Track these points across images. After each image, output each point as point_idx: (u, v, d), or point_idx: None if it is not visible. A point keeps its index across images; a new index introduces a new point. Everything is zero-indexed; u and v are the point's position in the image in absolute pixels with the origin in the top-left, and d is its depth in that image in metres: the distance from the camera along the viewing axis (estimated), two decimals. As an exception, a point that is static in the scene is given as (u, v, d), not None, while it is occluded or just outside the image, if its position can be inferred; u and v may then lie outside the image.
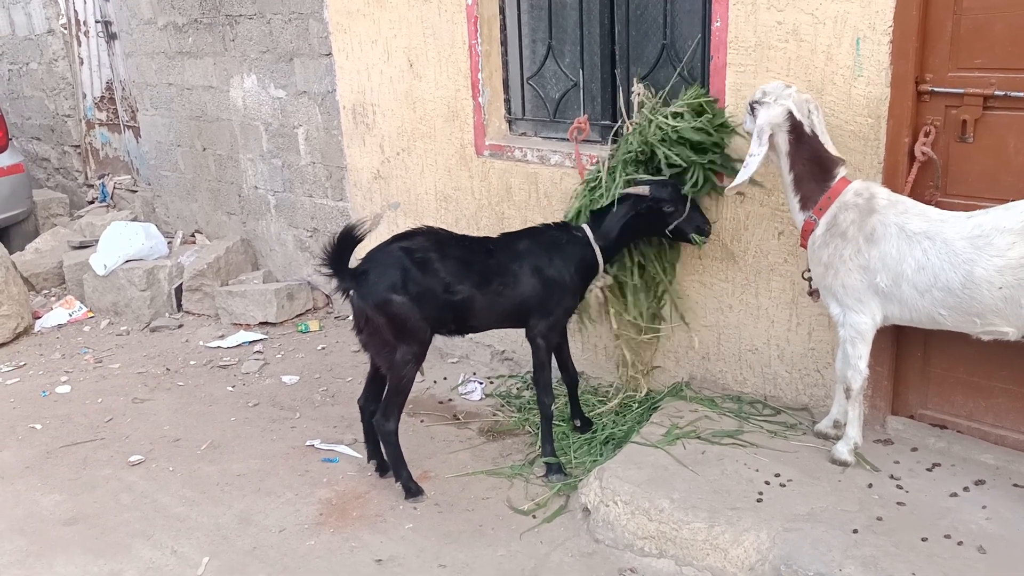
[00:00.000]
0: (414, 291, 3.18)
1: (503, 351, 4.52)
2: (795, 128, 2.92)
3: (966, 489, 2.91)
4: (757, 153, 2.93)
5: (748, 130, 3.06)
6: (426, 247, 3.24)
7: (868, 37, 2.99)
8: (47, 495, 3.65)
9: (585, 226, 3.43)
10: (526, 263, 3.32)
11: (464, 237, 3.44)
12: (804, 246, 3.08)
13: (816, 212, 2.96)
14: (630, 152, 3.49)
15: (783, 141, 2.95)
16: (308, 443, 3.93)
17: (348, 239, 3.16)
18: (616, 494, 3.04)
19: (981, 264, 2.65)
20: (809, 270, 3.14)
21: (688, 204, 3.34)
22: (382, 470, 3.57)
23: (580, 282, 3.44)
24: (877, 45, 2.98)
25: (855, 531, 2.71)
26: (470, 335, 3.75)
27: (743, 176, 2.98)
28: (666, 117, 3.36)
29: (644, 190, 3.33)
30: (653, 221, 3.37)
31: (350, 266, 3.22)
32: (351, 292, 3.23)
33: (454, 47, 4.21)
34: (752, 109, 3.01)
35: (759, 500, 2.92)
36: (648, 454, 3.23)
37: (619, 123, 3.71)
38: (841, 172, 2.97)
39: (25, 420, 4.35)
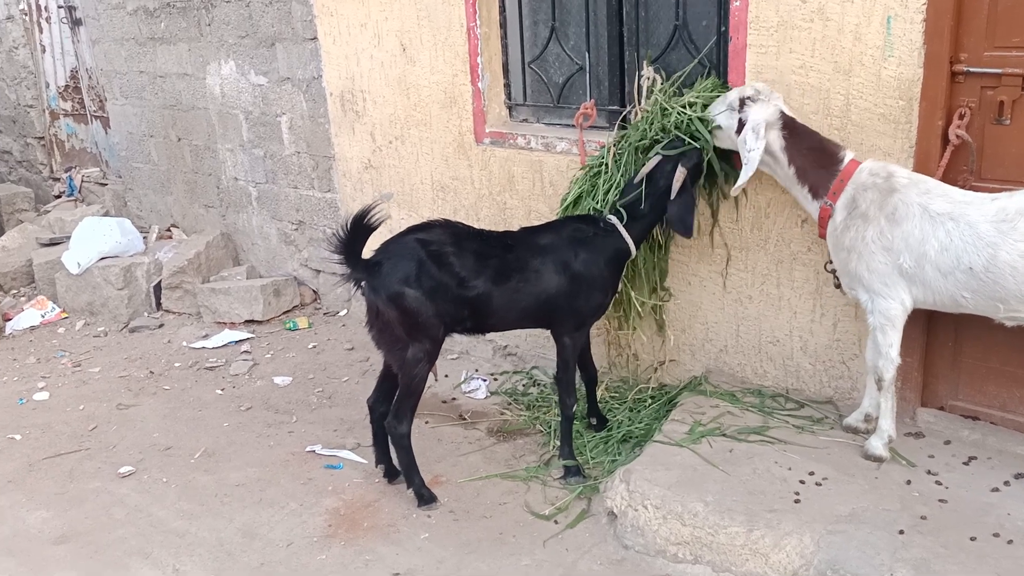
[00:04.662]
0: (428, 285, 3.01)
1: (505, 346, 4.36)
2: (787, 124, 2.95)
3: (1007, 483, 2.82)
4: (757, 148, 2.95)
5: (721, 123, 3.09)
6: (442, 240, 3.07)
7: (900, 15, 2.86)
8: (33, 512, 3.42)
9: (612, 217, 3.27)
10: (549, 259, 3.15)
11: (483, 231, 3.27)
12: (823, 235, 2.99)
13: (831, 198, 2.91)
14: (643, 140, 3.34)
15: (775, 139, 2.97)
16: (308, 448, 3.74)
17: (360, 226, 2.99)
18: (645, 497, 2.90)
19: (1005, 248, 2.60)
20: (831, 262, 3.04)
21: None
22: (391, 475, 3.40)
23: (611, 277, 3.29)
24: (909, 24, 2.85)
25: (901, 532, 2.61)
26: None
27: (748, 172, 2.99)
28: (684, 106, 3.22)
29: (654, 162, 3.22)
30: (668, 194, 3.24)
31: (363, 256, 3.05)
32: (363, 284, 3.06)
33: (451, 30, 4.02)
34: (742, 104, 3.00)
35: (796, 501, 2.80)
36: (674, 454, 3.10)
37: (628, 108, 3.55)
38: (849, 155, 2.93)
39: (2, 430, 4.11)
